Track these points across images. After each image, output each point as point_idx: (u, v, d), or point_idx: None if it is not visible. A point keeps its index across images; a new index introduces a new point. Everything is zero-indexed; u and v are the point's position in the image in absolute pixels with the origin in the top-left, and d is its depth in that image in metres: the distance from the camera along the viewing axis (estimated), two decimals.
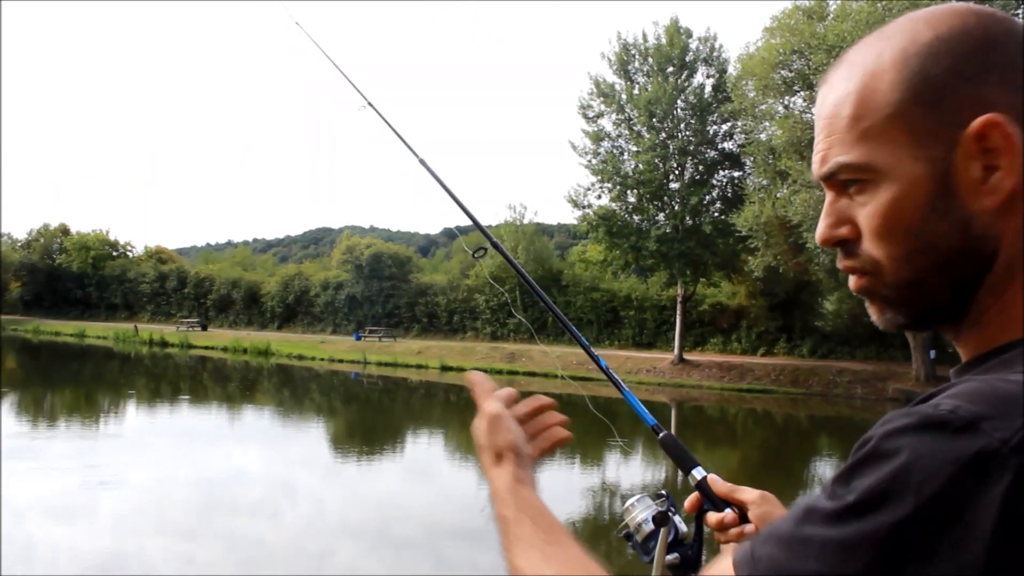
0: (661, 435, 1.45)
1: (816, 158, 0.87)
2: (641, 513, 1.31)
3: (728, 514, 1.27)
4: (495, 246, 1.92)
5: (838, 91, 0.84)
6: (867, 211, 0.82)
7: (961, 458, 0.63)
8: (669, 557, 1.26)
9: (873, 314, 0.87)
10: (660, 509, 1.30)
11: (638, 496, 1.32)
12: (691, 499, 1.34)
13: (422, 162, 2.09)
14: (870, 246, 0.83)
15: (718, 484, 1.32)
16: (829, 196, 0.87)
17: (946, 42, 0.78)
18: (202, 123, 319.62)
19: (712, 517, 1.29)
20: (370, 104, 2.28)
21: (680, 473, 1.38)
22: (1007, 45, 0.78)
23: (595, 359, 1.65)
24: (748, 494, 1.28)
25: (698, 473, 1.35)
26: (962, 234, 0.77)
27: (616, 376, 1.59)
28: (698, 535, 1.30)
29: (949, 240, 0.78)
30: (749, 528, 1.26)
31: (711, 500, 1.31)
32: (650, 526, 1.28)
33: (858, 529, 0.66)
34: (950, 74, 0.77)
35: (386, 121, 2.19)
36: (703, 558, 1.29)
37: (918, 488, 0.64)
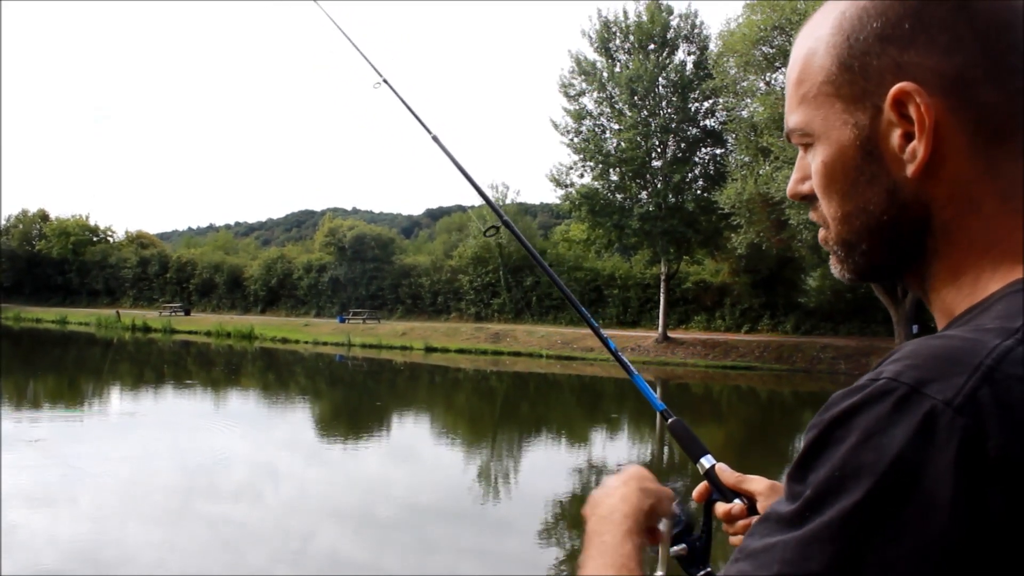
0: (670, 421, 1.43)
1: None
2: None
3: (736, 504, 1.25)
4: (506, 224, 2.01)
5: (793, 55, 0.86)
6: (812, 171, 0.84)
7: (910, 427, 0.62)
8: (676, 548, 1.21)
9: (831, 265, 0.89)
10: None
11: None
12: (699, 488, 1.31)
13: (435, 139, 2.13)
14: (821, 203, 0.85)
15: (726, 473, 1.30)
16: (799, 153, 0.89)
17: (880, 2, 0.77)
18: (182, 106, 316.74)
19: (720, 508, 1.27)
20: (385, 81, 2.30)
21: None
22: (942, 1, 0.76)
23: (604, 341, 1.68)
24: (757, 484, 1.26)
25: (707, 461, 1.32)
26: (891, 199, 0.78)
27: (624, 358, 1.62)
28: (706, 526, 1.26)
29: (878, 205, 0.79)
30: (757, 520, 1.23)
31: (719, 490, 1.29)
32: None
33: (817, 523, 0.64)
34: (876, 38, 0.77)
35: (400, 98, 2.21)
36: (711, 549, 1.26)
37: (871, 466, 0.63)
